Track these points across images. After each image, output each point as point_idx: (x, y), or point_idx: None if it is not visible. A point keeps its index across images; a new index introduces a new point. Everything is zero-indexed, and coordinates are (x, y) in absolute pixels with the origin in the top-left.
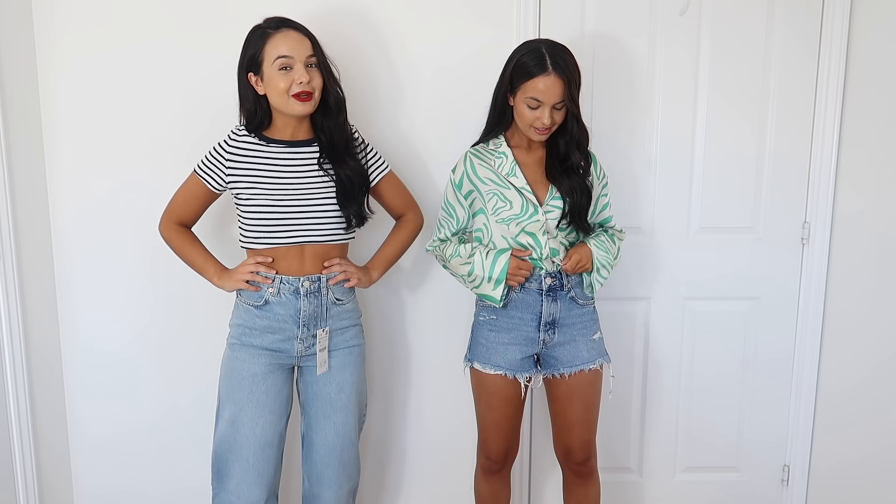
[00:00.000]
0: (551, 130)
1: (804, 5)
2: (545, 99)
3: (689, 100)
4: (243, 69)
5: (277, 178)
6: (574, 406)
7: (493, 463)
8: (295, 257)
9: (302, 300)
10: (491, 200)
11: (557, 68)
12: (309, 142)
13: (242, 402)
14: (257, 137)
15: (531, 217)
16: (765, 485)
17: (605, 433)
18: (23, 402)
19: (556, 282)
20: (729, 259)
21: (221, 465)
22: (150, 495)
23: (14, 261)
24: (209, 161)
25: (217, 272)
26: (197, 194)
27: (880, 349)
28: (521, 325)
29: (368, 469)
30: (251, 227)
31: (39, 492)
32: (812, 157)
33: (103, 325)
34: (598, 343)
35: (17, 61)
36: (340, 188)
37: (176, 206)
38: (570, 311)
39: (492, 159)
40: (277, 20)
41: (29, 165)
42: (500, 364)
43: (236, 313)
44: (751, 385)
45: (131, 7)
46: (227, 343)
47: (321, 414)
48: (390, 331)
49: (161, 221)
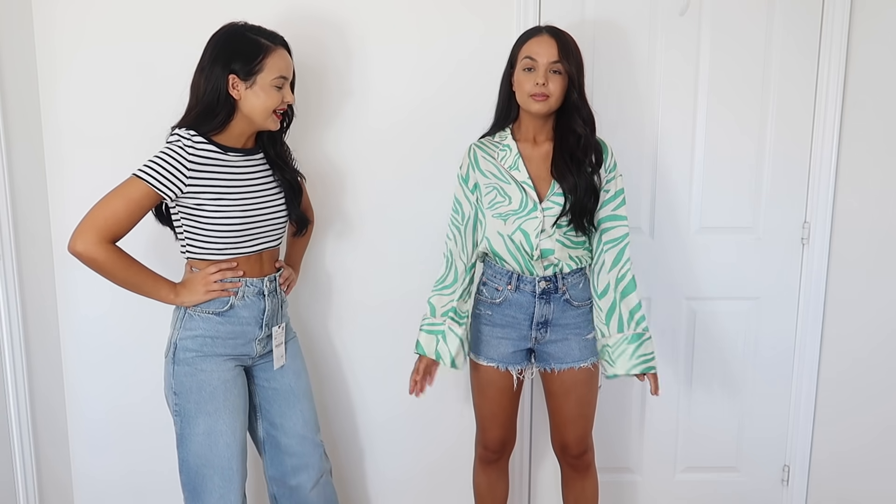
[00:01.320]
0: (550, 100)
1: (804, 4)
2: (539, 57)
3: (689, 99)
4: (225, 68)
5: (240, 187)
6: (568, 402)
7: (490, 453)
8: (256, 262)
9: (265, 300)
10: (489, 195)
11: (550, 31)
12: (256, 150)
13: (218, 411)
14: (212, 144)
15: (529, 214)
16: (765, 485)
17: (605, 433)
18: (23, 403)
19: (551, 285)
20: (729, 259)
21: (198, 482)
22: (149, 486)
23: (14, 261)
24: (164, 168)
25: (172, 289)
26: (143, 206)
27: (880, 349)
28: (514, 324)
29: (367, 461)
30: (213, 239)
31: (39, 493)
32: (812, 157)
33: (103, 324)
34: (591, 342)
35: (17, 61)
36: (289, 194)
37: (114, 219)
38: (564, 312)
39: (495, 151)
40: (275, 35)
41: (29, 165)
42: (493, 356)
43: (187, 325)
44: (751, 385)
45: (131, 7)
46: (179, 359)
47: (286, 405)
48: (384, 323)
49: (85, 240)
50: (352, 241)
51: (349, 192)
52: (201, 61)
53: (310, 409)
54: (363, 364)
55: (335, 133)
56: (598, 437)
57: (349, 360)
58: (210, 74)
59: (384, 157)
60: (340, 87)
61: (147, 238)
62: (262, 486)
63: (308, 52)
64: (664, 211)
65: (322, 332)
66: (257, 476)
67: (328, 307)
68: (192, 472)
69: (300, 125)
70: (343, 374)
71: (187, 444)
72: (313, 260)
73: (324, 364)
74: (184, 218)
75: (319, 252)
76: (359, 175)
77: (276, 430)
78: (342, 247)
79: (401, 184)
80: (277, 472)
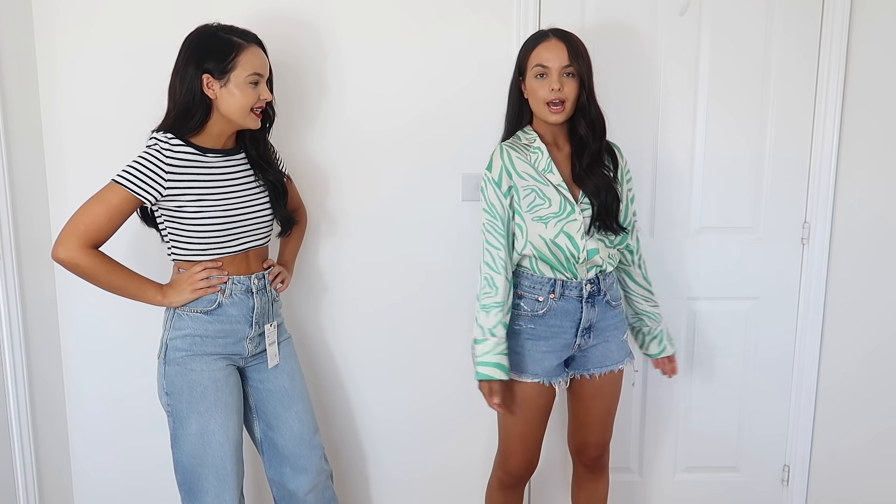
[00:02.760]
0: (566, 106)
1: (804, 5)
2: (550, 63)
3: (689, 100)
4: (198, 69)
5: (221, 188)
6: (596, 405)
7: (512, 478)
8: (242, 261)
9: (254, 298)
10: (528, 197)
11: (558, 34)
12: (237, 150)
13: (210, 410)
14: (189, 146)
15: (569, 216)
16: (765, 485)
17: None
18: (23, 399)
19: (595, 287)
20: (729, 259)
21: (193, 482)
22: (149, 485)
23: (14, 261)
24: (141, 173)
25: (159, 290)
26: (123, 210)
27: (880, 349)
28: (560, 333)
29: (368, 464)
30: (196, 240)
31: (39, 489)
32: (812, 157)
33: (103, 323)
34: (626, 343)
35: (17, 61)
36: (273, 194)
37: (94, 225)
38: (606, 313)
39: (527, 153)
40: (247, 33)
41: (29, 165)
42: (538, 372)
43: (177, 325)
44: (751, 385)
45: (132, 7)
46: (170, 359)
47: (280, 407)
48: (392, 328)
49: (67, 247)
50: (349, 242)
51: (346, 191)
52: (176, 64)
53: (306, 410)
54: (361, 366)
55: (320, 132)
56: None
57: (346, 362)
58: (184, 76)
59: (372, 157)
60: (327, 86)
61: (128, 241)
62: (263, 487)
63: (286, 51)
64: (664, 211)
65: (317, 333)
66: (258, 477)
67: (323, 308)
68: (186, 473)
69: (285, 125)
70: (340, 376)
71: (181, 445)
72: (306, 261)
73: (320, 366)
74: (167, 220)
75: (312, 253)
76: (358, 174)
77: (272, 431)
78: (337, 247)
79: (394, 184)
80: (276, 474)
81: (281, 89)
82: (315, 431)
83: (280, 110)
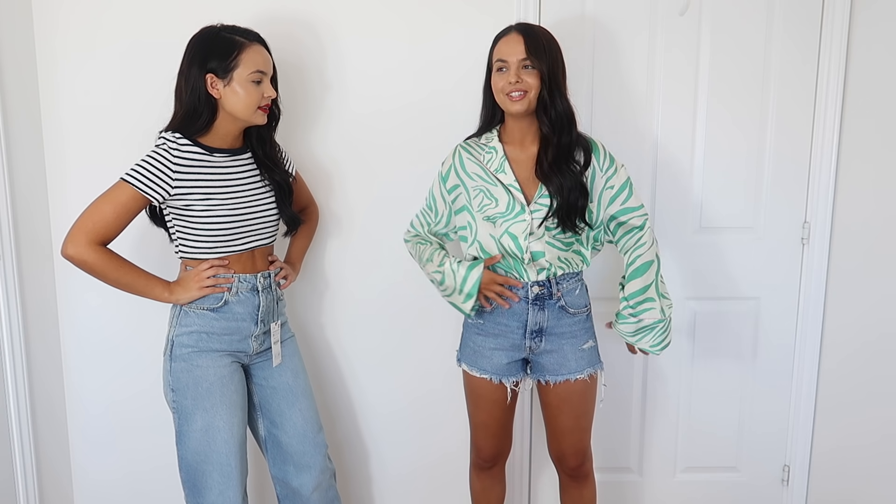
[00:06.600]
0: (527, 96)
1: (804, 5)
2: (508, 57)
3: (689, 99)
4: (202, 69)
5: (228, 187)
6: (564, 414)
7: (483, 461)
8: (248, 259)
9: (260, 296)
10: (477, 197)
11: (518, 28)
12: (243, 150)
13: (215, 406)
14: (197, 146)
15: (517, 216)
16: (765, 485)
17: (605, 433)
18: (23, 400)
19: (544, 290)
20: (729, 259)
21: (197, 478)
22: (149, 486)
23: (14, 261)
24: (150, 172)
25: (166, 287)
26: (131, 209)
27: (880, 349)
28: (507, 332)
29: (371, 461)
30: (203, 238)
31: (39, 490)
32: (812, 157)
33: (104, 324)
34: (588, 352)
35: (18, 61)
36: (278, 193)
37: (103, 223)
38: (560, 320)
39: (481, 154)
40: (249, 32)
41: (29, 166)
42: (487, 368)
43: (183, 322)
44: (751, 385)
45: (132, 7)
46: (175, 355)
47: (284, 404)
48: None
49: (76, 244)
50: (352, 240)
51: (349, 189)
52: (181, 66)
53: (309, 407)
54: (363, 364)
55: (323, 130)
56: (598, 437)
57: (348, 361)
58: (189, 77)
59: (375, 156)
60: (332, 86)
61: (132, 240)
62: (266, 485)
63: (289, 49)
64: (664, 211)
65: (319, 331)
66: (262, 475)
67: (325, 307)
68: (190, 469)
69: (289, 123)
70: (342, 375)
71: (185, 441)
72: (309, 260)
73: (323, 364)
74: (175, 218)
75: (315, 251)
76: (357, 173)
77: (276, 428)
78: (341, 246)
79: (397, 182)
80: (280, 471)
81: (284, 88)
82: (319, 429)
83: (284, 109)
